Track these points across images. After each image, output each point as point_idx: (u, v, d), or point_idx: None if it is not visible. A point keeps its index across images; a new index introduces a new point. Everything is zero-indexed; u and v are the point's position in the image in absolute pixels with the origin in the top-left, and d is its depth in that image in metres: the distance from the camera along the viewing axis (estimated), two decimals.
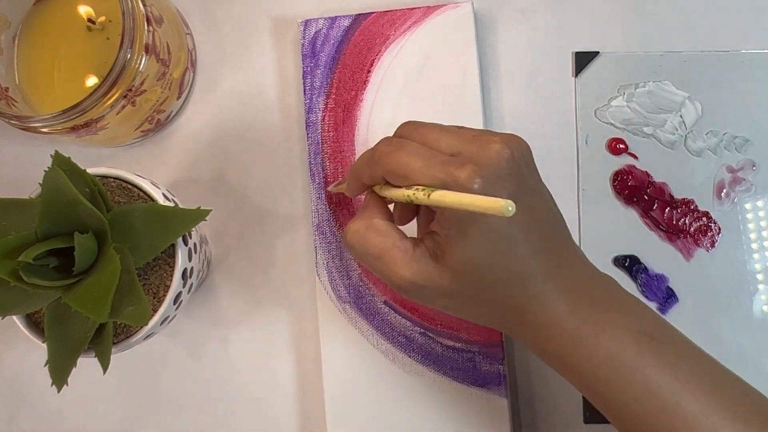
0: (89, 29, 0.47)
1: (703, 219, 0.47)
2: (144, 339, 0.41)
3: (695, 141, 0.47)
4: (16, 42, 0.47)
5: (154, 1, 0.44)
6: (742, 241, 0.47)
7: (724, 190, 0.47)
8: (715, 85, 0.48)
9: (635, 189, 0.47)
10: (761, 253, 0.46)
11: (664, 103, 0.48)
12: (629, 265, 0.47)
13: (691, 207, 0.47)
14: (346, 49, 0.48)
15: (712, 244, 0.47)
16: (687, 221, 0.47)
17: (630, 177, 0.47)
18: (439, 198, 0.32)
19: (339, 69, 0.48)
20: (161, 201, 0.41)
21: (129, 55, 0.41)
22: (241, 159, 0.50)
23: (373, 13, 0.48)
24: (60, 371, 0.37)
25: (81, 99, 0.41)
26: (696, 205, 0.47)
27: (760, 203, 0.47)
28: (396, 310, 0.46)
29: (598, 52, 0.49)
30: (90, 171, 0.39)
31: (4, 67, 0.47)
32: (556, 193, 0.38)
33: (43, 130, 0.42)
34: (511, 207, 0.28)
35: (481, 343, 0.45)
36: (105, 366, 0.37)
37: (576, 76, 0.49)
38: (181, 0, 0.51)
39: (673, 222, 0.47)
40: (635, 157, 0.48)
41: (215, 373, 0.49)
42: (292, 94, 0.50)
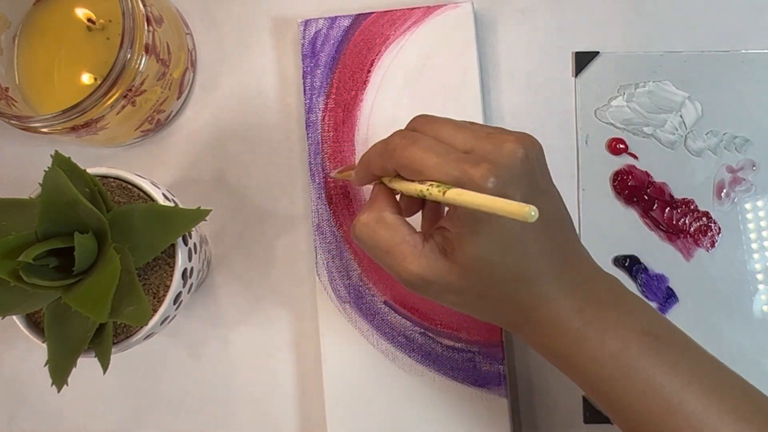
0: (89, 29, 0.47)
1: (703, 219, 0.47)
2: (144, 339, 0.41)
3: (695, 141, 0.47)
4: (16, 42, 0.47)
5: (154, 1, 0.44)
6: (742, 241, 0.47)
7: (724, 190, 0.47)
8: (715, 85, 0.48)
9: (635, 189, 0.47)
10: (761, 253, 0.46)
11: (664, 103, 0.48)
12: (629, 265, 0.47)
13: (691, 207, 0.47)
14: (346, 49, 0.48)
15: (712, 244, 0.47)
16: (687, 221, 0.47)
17: (630, 177, 0.47)
18: (455, 197, 0.32)
19: (339, 69, 0.48)
20: (161, 201, 0.41)
21: (129, 55, 0.41)
22: (241, 159, 0.50)
23: (373, 13, 0.48)
24: (60, 371, 0.37)
25: (81, 99, 0.41)
26: (696, 205, 0.47)
27: (760, 203, 0.47)
28: (396, 310, 0.46)
29: (598, 52, 0.49)
30: (90, 171, 0.39)
31: (4, 67, 0.47)
32: None
33: (43, 130, 0.42)
34: (534, 212, 0.28)
35: (481, 343, 0.45)
36: (105, 366, 0.37)
37: (576, 76, 0.49)
38: (181, 0, 0.51)
39: (673, 222, 0.47)
40: (635, 157, 0.48)
41: (215, 373, 0.49)
42: (292, 94, 0.50)
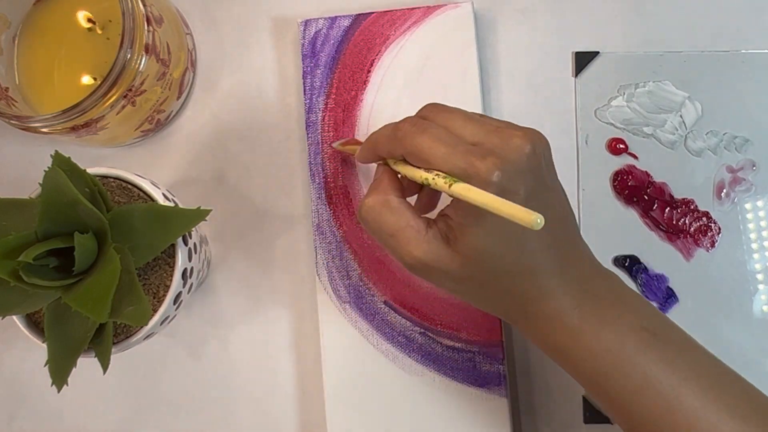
0: (89, 29, 0.47)
1: (703, 219, 0.47)
2: (144, 339, 0.41)
3: (695, 141, 0.47)
4: (16, 42, 0.47)
5: (154, 1, 0.44)
6: (742, 241, 0.47)
7: (724, 190, 0.47)
8: (715, 85, 0.48)
9: (635, 189, 0.47)
10: (761, 253, 0.46)
11: (664, 103, 0.48)
12: (629, 265, 0.47)
13: (691, 207, 0.47)
14: (346, 49, 0.48)
15: (712, 244, 0.47)
16: (687, 221, 0.47)
17: (630, 177, 0.47)
18: (461, 192, 0.32)
19: (339, 69, 0.48)
20: (161, 201, 0.41)
21: (129, 55, 0.41)
22: (241, 159, 0.50)
23: (373, 13, 0.48)
24: (60, 371, 0.37)
25: (81, 99, 0.41)
26: (696, 205, 0.47)
27: (760, 203, 0.47)
28: (396, 310, 0.46)
29: (598, 52, 0.49)
30: (90, 171, 0.39)
31: (4, 67, 0.47)
32: None
33: (43, 130, 0.42)
34: (540, 220, 0.28)
35: (481, 343, 0.45)
36: (105, 366, 0.37)
37: (576, 76, 0.49)
38: (181, 0, 0.51)
39: (673, 222, 0.47)
40: (635, 157, 0.48)
41: (215, 373, 0.49)
42: (292, 94, 0.50)
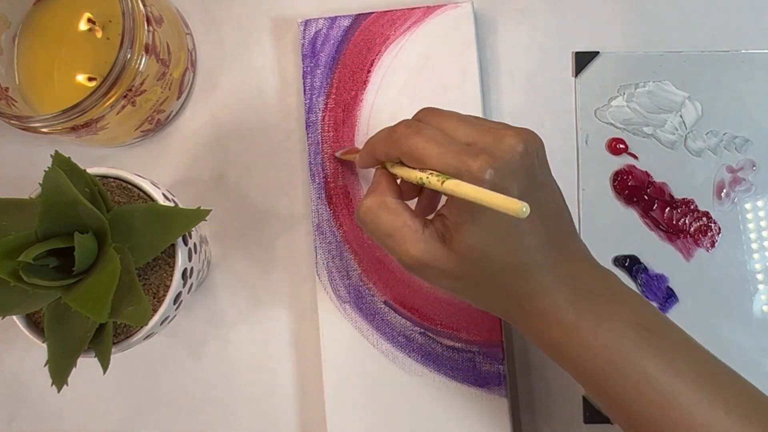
0: (89, 29, 0.47)
1: (703, 219, 0.47)
2: (144, 339, 0.41)
3: (695, 141, 0.47)
4: (16, 42, 0.47)
5: (154, 1, 0.44)
6: (742, 241, 0.47)
7: (724, 190, 0.47)
8: (715, 85, 0.48)
9: (635, 189, 0.47)
10: (761, 253, 0.46)
11: (664, 103, 0.48)
12: (629, 265, 0.47)
13: (691, 207, 0.47)
14: (346, 49, 0.48)
15: (712, 244, 0.47)
16: (687, 221, 0.47)
17: (630, 177, 0.47)
18: (452, 187, 0.33)
19: (339, 69, 0.48)
20: (161, 201, 0.41)
21: (129, 55, 0.41)
22: (241, 159, 0.50)
23: (373, 13, 0.48)
24: (60, 371, 0.37)
25: (81, 99, 0.41)
26: (696, 205, 0.47)
27: (760, 203, 0.47)
28: (396, 310, 0.46)
29: (598, 52, 0.49)
30: (90, 171, 0.39)
31: (4, 67, 0.47)
32: None
33: (43, 130, 0.42)
34: (525, 209, 0.29)
35: (481, 343, 0.45)
36: (105, 366, 0.37)
37: (576, 76, 0.49)
38: (181, 0, 0.51)
39: (673, 222, 0.47)
40: (635, 157, 0.48)
41: (215, 373, 0.49)
42: (292, 94, 0.50)
